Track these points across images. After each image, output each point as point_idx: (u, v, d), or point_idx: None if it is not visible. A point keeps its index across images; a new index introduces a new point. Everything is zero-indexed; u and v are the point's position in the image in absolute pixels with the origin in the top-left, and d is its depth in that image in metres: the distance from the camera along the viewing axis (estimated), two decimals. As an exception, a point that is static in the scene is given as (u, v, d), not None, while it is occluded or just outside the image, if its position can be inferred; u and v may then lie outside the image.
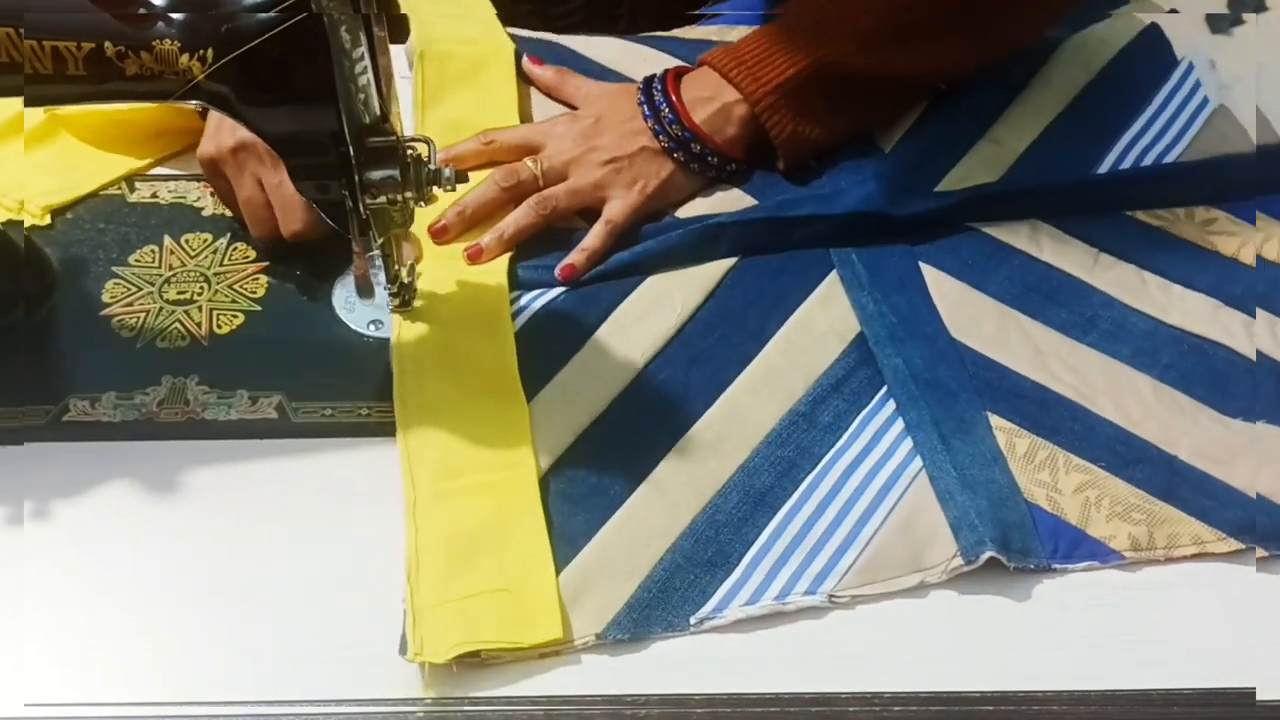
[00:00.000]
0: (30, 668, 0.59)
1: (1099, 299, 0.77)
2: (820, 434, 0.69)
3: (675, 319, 0.74)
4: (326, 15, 0.56)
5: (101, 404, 0.69)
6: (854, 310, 0.75)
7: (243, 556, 0.64)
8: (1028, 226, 0.80)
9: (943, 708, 0.59)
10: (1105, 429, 0.70)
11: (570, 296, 0.75)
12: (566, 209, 0.78)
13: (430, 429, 0.67)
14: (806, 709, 0.59)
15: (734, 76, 0.79)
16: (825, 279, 0.77)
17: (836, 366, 0.72)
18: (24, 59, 0.57)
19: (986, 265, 0.78)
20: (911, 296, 0.75)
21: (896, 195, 0.79)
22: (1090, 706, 0.60)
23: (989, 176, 0.82)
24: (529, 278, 0.75)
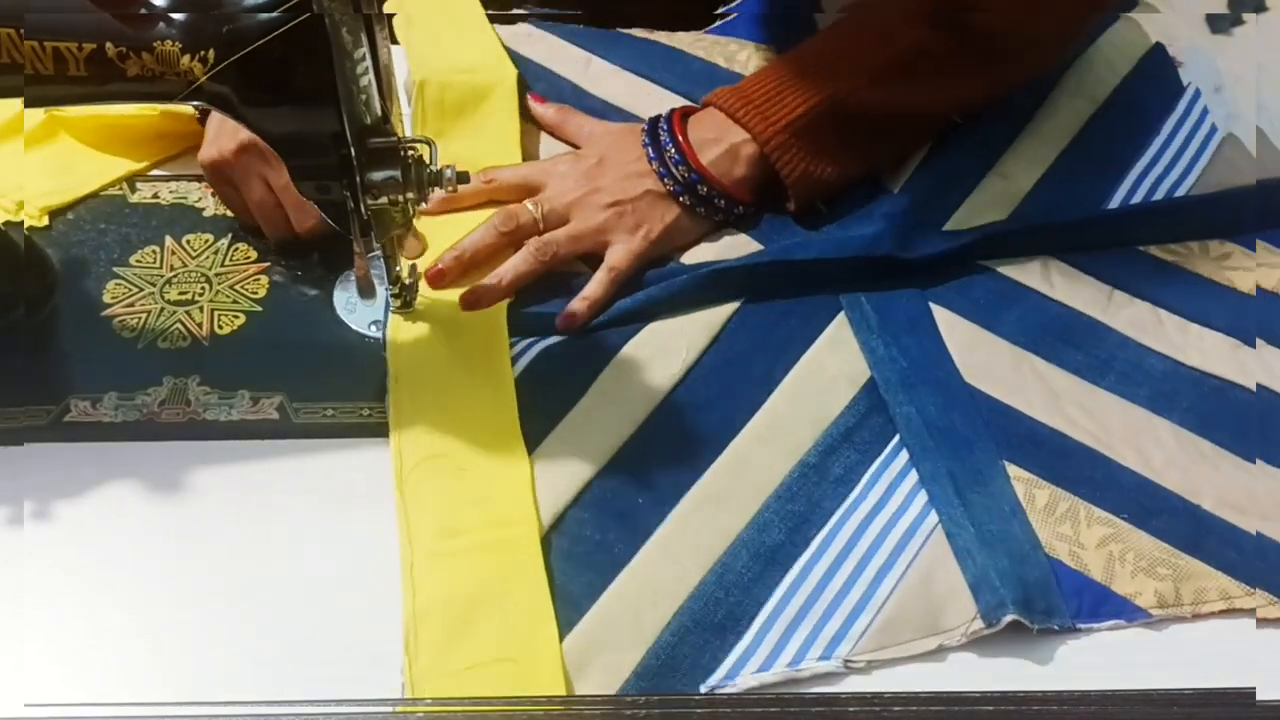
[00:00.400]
0: (30, 668, 0.59)
1: (1114, 339, 0.75)
2: (832, 487, 0.67)
3: (680, 365, 0.72)
4: (328, 16, 0.56)
5: (103, 404, 0.69)
6: (863, 354, 0.73)
7: (243, 557, 0.64)
8: (1039, 264, 0.78)
9: (943, 708, 0.59)
10: (1126, 478, 0.68)
11: (572, 340, 0.73)
12: (568, 255, 0.75)
13: (428, 482, 0.65)
14: (807, 709, 0.59)
15: (742, 117, 0.77)
16: (833, 321, 0.74)
17: (847, 414, 0.70)
18: (25, 60, 0.57)
19: (999, 305, 0.76)
20: (922, 339, 0.73)
21: (905, 236, 0.77)
22: (1090, 706, 0.59)
23: (998, 213, 0.80)
24: (529, 323, 0.73)
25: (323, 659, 0.60)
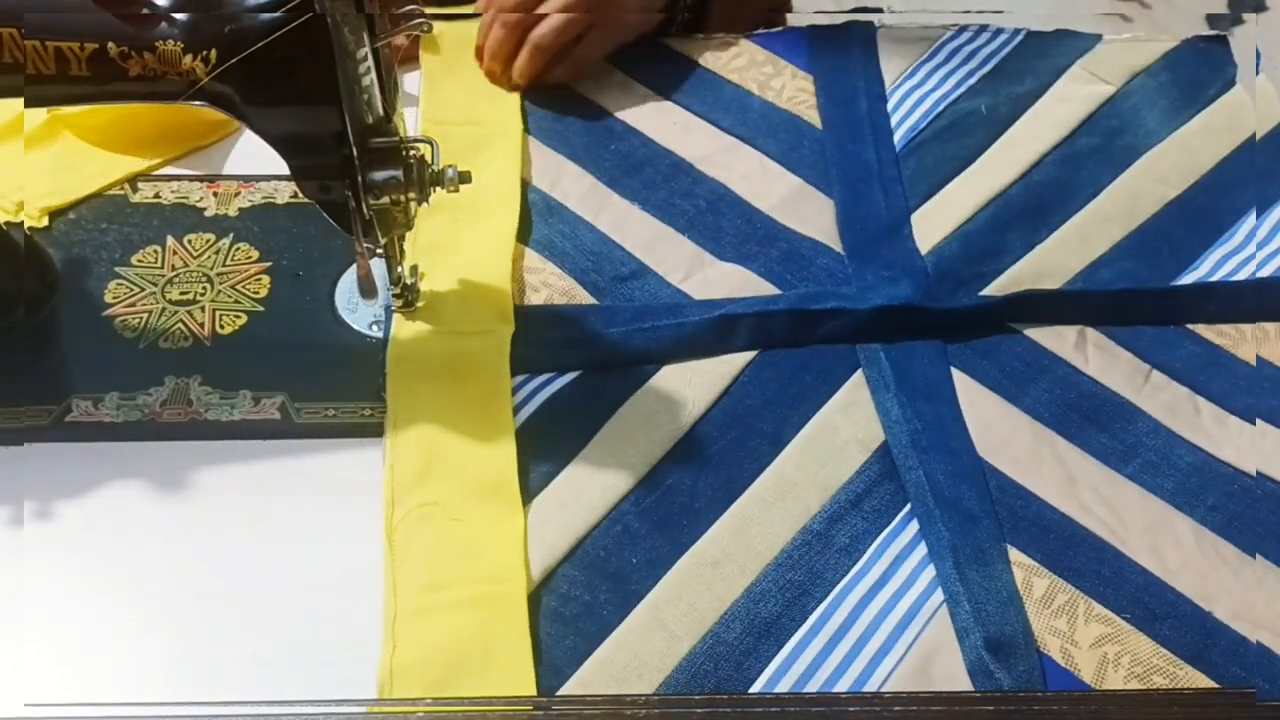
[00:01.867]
0: (30, 668, 0.59)
1: (1145, 425, 0.70)
2: (835, 556, 0.64)
3: (687, 417, 0.69)
4: (330, 16, 0.56)
5: (104, 404, 0.69)
6: (878, 415, 0.69)
7: (245, 557, 0.64)
8: (1075, 333, 0.73)
9: (943, 708, 0.59)
10: (1135, 575, 0.63)
11: (577, 386, 0.70)
12: (558, 41, 0.83)
13: (419, 530, 0.64)
14: (807, 709, 0.59)
15: None
16: (849, 379, 0.71)
17: (857, 480, 0.67)
18: (26, 59, 0.58)
19: (1025, 374, 0.71)
20: (939, 406, 0.70)
21: (933, 292, 0.74)
22: (1090, 706, 0.59)
23: (1041, 283, 0.75)
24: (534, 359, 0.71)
25: (324, 659, 0.60)
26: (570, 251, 0.77)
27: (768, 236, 0.78)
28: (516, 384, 0.70)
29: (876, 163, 0.81)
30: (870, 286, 0.74)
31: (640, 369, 0.71)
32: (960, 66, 0.84)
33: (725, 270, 0.76)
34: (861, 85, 0.86)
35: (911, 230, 0.78)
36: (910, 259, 0.76)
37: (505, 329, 0.72)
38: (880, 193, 0.80)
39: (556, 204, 0.79)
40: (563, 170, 0.82)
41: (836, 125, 0.83)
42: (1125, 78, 0.84)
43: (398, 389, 0.69)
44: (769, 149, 0.82)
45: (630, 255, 0.76)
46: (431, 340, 0.71)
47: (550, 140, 0.83)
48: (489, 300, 0.73)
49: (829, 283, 0.75)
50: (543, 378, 0.70)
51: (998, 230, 0.78)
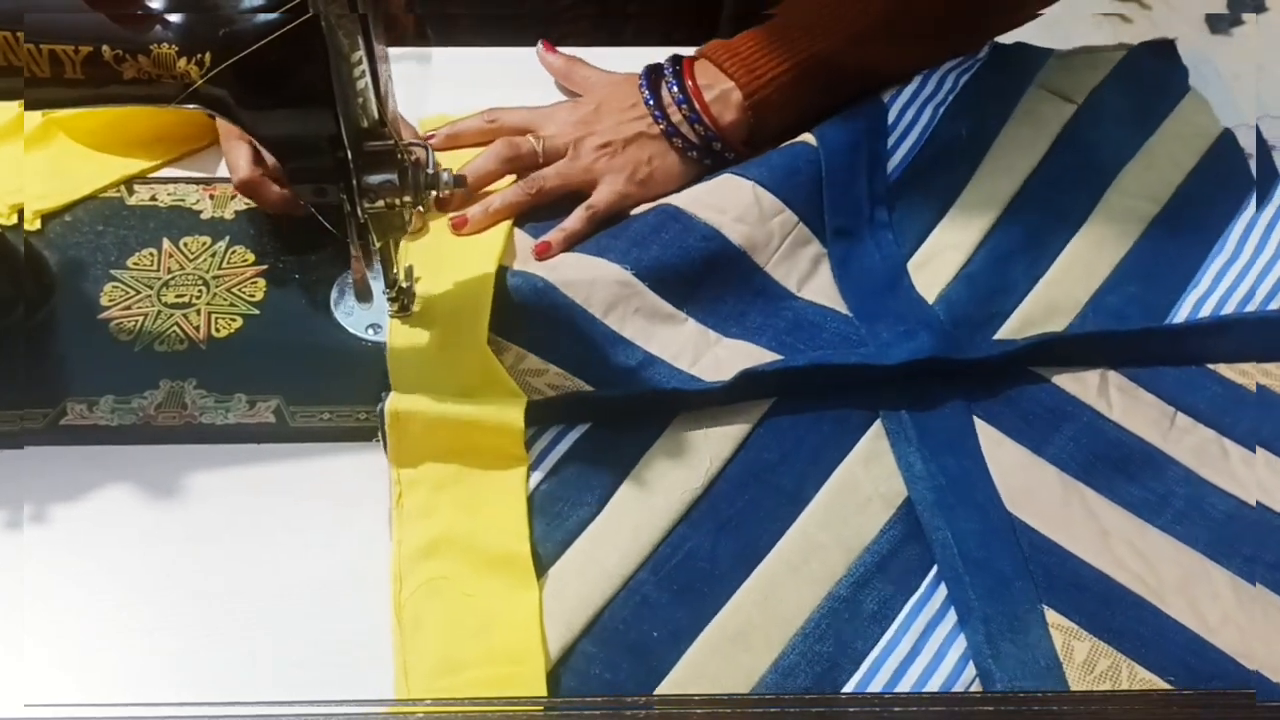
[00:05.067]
0: (30, 668, 0.60)
1: (1174, 473, 0.68)
2: (864, 625, 0.62)
3: (704, 475, 0.66)
4: (324, 19, 0.56)
5: (99, 407, 0.69)
6: (900, 470, 0.67)
7: (240, 559, 0.64)
8: (1097, 377, 0.71)
9: (943, 708, 0.59)
10: (1176, 634, 0.61)
11: (588, 443, 0.67)
12: (554, 190, 0.77)
13: (429, 607, 0.61)
14: (807, 709, 0.59)
15: (729, 68, 0.78)
16: (868, 431, 0.69)
17: (881, 540, 0.65)
18: (22, 63, 0.58)
19: (1049, 423, 0.69)
20: (963, 459, 0.67)
21: (950, 342, 0.71)
22: (1090, 706, 0.59)
23: (1052, 324, 0.74)
24: (546, 412, 0.68)
25: (319, 660, 0.61)
26: (570, 345, 0.71)
27: (770, 302, 0.75)
28: (528, 437, 0.67)
29: (868, 200, 0.78)
30: (888, 344, 0.71)
31: (652, 422, 0.69)
32: (938, 90, 0.81)
33: (734, 348, 0.73)
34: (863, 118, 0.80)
35: (910, 280, 0.76)
36: (921, 310, 0.74)
37: (516, 401, 0.68)
38: (872, 243, 0.77)
39: (544, 286, 0.72)
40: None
41: (833, 148, 0.78)
42: (1084, 93, 0.83)
43: (401, 447, 0.66)
44: (762, 177, 0.77)
45: (633, 344, 0.72)
46: (438, 407, 0.66)
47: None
48: (500, 380, 0.69)
49: (843, 346, 0.73)
50: (552, 433, 0.68)
51: (998, 268, 0.76)
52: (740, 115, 0.78)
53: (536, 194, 0.77)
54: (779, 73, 0.78)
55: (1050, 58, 0.84)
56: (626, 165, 0.78)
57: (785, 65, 0.78)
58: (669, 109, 0.78)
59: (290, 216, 0.77)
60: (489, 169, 0.78)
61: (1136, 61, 0.85)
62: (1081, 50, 0.86)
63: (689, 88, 0.78)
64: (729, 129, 0.78)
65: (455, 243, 0.76)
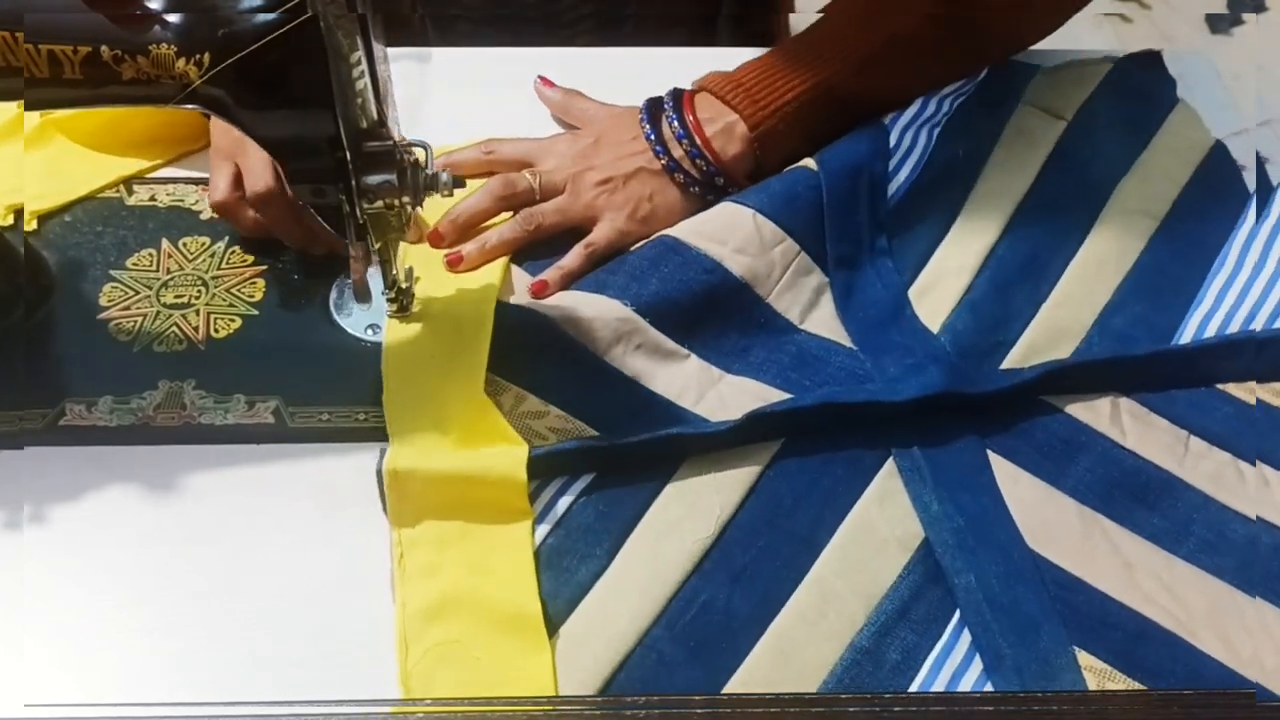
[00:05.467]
0: (30, 668, 0.60)
1: (1192, 499, 0.67)
2: (888, 676, 0.60)
3: (714, 523, 0.65)
4: (323, 19, 0.55)
5: (98, 408, 0.69)
6: (916, 510, 0.66)
7: (239, 559, 0.64)
8: (1108, 403, 0.70)
9: (943, 708, 0.59)
10: (1210, 669, 0.60)
11: (594, 495, 0.66)
12: (552, 227, 0.76)
13: (438, 674, 0.60)
14: (807, 709, 0.59)
15: (733, 100, 0.77)
16: (881, 470, 0.67)
17: (901, 585, 0.63)
18: (21, 63, 0.58)
19: (1064, 454, 0.68)
20: (980, 495, 0.66)
21: (958, 375, 0.70)
22: (1090, 706, 0.59)
23: (1060, 351, 0.73)
24: (552, 465, 0.66)
25: (318, 660, 0.61)
26: (571, 387, 0.70)
27: (773, 336, 0.73)
28: (531, 490, 0.65)
29: (869, 226, 0.76)
30: (897, 378, 0.70)
31: (658, 468, 0.67)
32: (936, 111, 0.80)
33: (738, 385, 0.71)
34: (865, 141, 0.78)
35: (912, 309, 0.74)
36: (926, 341, 0.72)
37: (517, 452, 0.65)
38: (872, 271, 0.76)
39: (543, 322, 0.70)
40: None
41: (834, 172, 0.76)
42: (1073, 109, 0.82)
43: (401, 507, 0.64)
44: (762, 204, 0.75)
45: (635, 382, 0.71)
46: (437, 463, 0.65)
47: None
48: (499, 431, 0.67)
49: (850, 382, 0.71)
50: (556, 484, 0.66)
51: (1001, 294, 0.75)
52: (745, 148, 0.77)
53: (534, 231, 0.75)
54: (783, 103, 0.77)
55: (1037, 73, 0.83)
56: (627, 202, 0.76)
57: (790, 95, 0.77)
58: (670, 144, 0.77)
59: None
60: (484, 207, 0.76)
61: (1124, 74, 0.84)
62: (1068, 64, 0.85)
63: (690, 122, 0.77)
64: (732, 163, 0.77)
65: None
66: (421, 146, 0.65)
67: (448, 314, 0.71)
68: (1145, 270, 0.76)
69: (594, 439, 0.67)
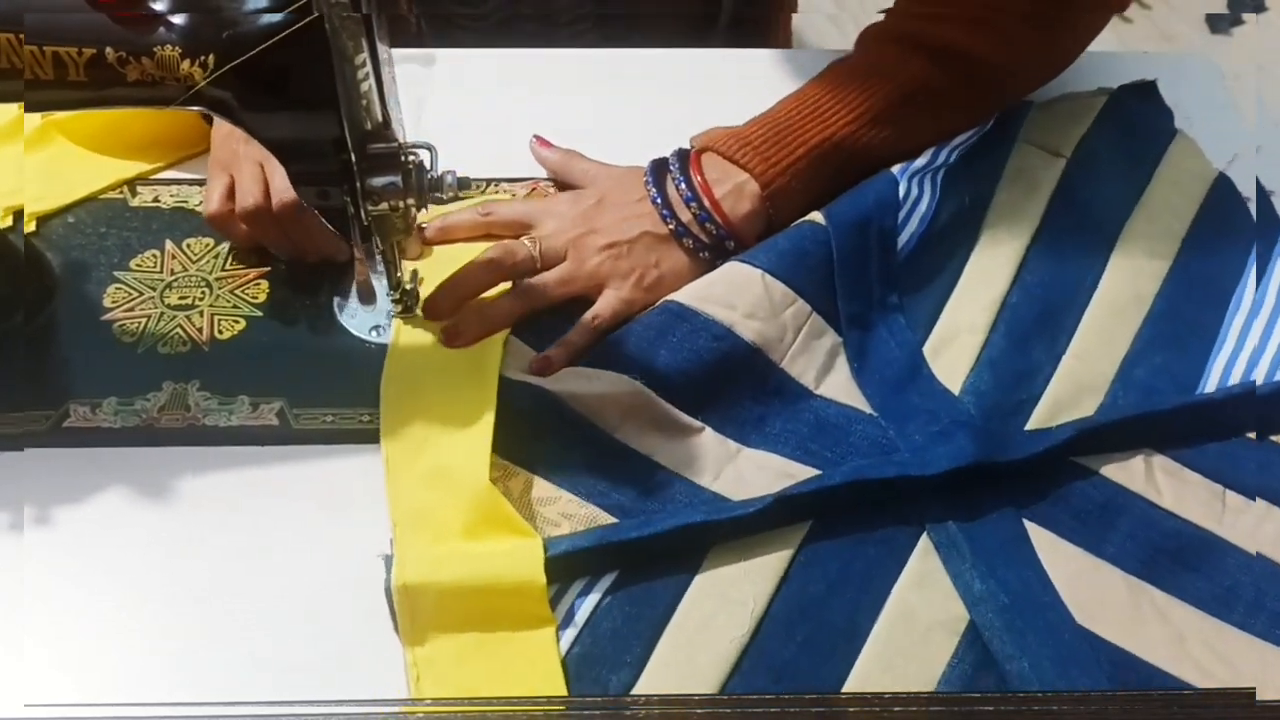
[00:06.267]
0: (30, 669, 0.60)
1: (1235, 560, 0.65)
2: None
3: (748, 619, 0.61)
4: (329, 21, 0.56)
5: (102, 409, 0.69)
6: (957, 590, 0.63)
7: (242, 561, 0.64)
8: (1141, 461, 0.68)
9: (943, 708, 0.59)
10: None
11: (620, 595, 0.62)
12: (556, 299, 0.72)
13: None
14: (807, 709, 0.59)
15: (741, 159, 0.74)
16: (916, 548, 0.65)
17: (952, 675, 0.60)
18: (25, 65, 0.58)
19: (1102, 519, 0.66)
20: (1022, 569, 0.63)
21: (986, 442, 0.67)
22: (1090, 706, 0.59)
23: (1084, 406, 0.71)
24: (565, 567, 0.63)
25: (320, 661, 0.61)
26: (581, 469, 0.67)
27: (789, 403, 0.71)
28: (551, 596, 0.62)
29: (879, 282, 0.74)
30: (923, 447, 0.67)
31: (683, 560, 0.64)
32: (947, 159, 0.77)
33: (757, 460, 0.68)
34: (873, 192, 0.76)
35: (929, 368, 0.72)
36: (949, 404, 0.70)
37: (533, 547, 0.62)
38: (885, 329, 0.73)
39: (549, 400, 0.67)
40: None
41: (843, 227, 0.73)
42: (1072, 145, 0.80)
43: (414, 625, 0.61)
44: (771, 264, 0.72)
45: (649, 460, 0.68)
46: (449, 573, 0.61)
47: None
48: (508, 522, 0.64)
49: (873, 452, 0.68)
50: (577, 586, 0.63)
51: (1018, 348, 0.72)
52: (757, 208, 0.74)
53: (537, 303, 0.72)
54: (795, 159, 0.74)
55: (1032, 109, 0.82)
56: (633, 269, 0.73)
57: (801, 151, 0.74)
58: (677, 207, 0.74)
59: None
60: (483, 278, 0.72)
61: (1120, 106, 0.83)
62: (1062, 98, 0.83)
63: (697, 183, 0.74)
64: (743, 224, 0.74)
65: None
66: (426, 148, 0.65)
67: (447, 392, 0.68)
68: (1161, 316, 0.75)
69: (611, 528, 0.64)
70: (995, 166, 0.79)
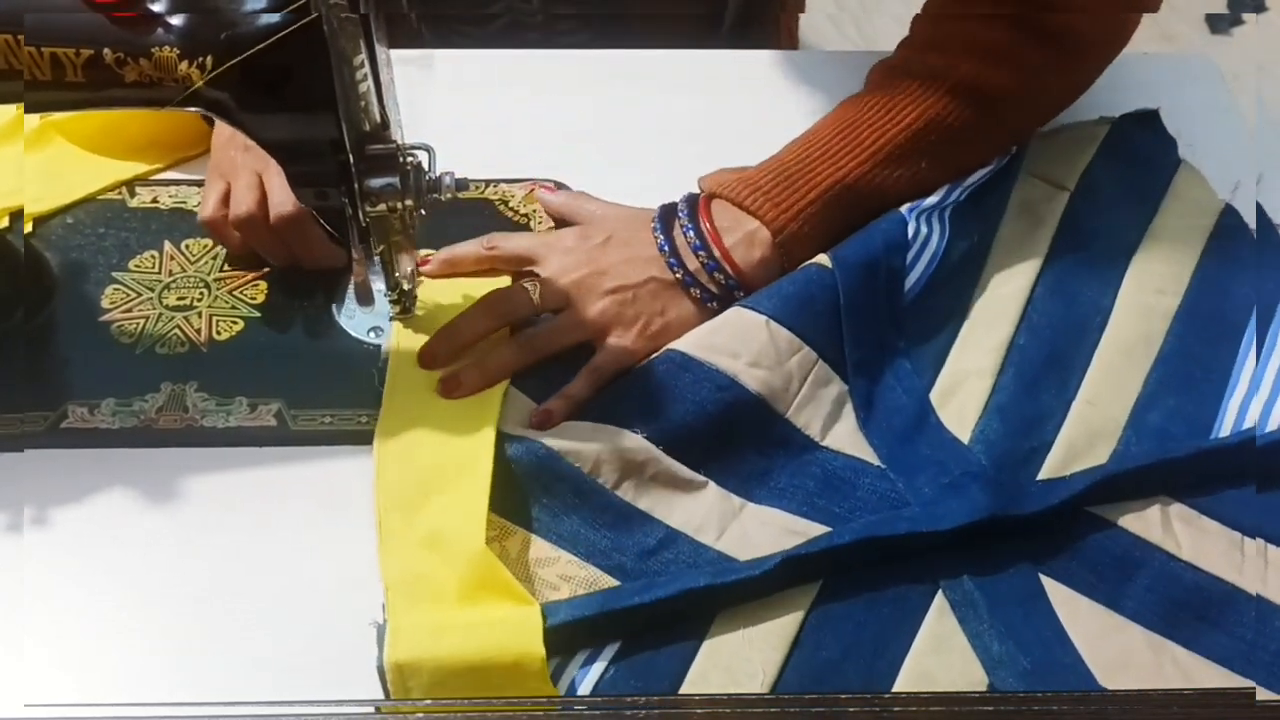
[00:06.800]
0: (30, 669, 0.60)
1: (1259, 611, 0.63)
2: None
3: (759, 688, 0.60)
4: (327, 22, 0.56)
5: (100, 410, 0.69)
6: (975, 652, 0.61)
7: (240, 562, 0.64)
8: (1158, 510, 0.66)
9: (943, 708, 0.59)
10: None
11: (624, 666, 0.60)
12: (560, 348, 0.71)
13: None
14: (807, 709, 0.59)
15: (752, 205, 0.72)
16: (930, 609, 0.63)
17: None
18: (23, 66, 0.58)
19: (1120, 573, 0.64)
20: (1041, 628, 0.62)
21: (999, 494, 0.65)
22: (1090, 706, 0.59)
23: (1097, 454, 0.69)
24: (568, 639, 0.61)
25: (319, 661, 0.61)
26: (581, 527, 0.65)
27: (794, 456, 0.69)
28: (552, 669, 0.60)
29: (887, 326, 0.72)
30: (935, 500, 0.66)
31: (689, 627, 0.62)
32: (958, 196, 0.76)
33: (761, 517, 0.66)
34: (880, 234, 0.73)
35: (937, 416, 0.70)
36: (959, 454, 0.68)
37: (530, 617, 0.60)
38: (891, 376, 0.71)
39: (546, 455, 0.65)
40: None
41: (850, 269, 0.71)
42: (1076, 177, 0.79)
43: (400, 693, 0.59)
44: (775, 310, 0.70)
45: (651, 518, 0.66)
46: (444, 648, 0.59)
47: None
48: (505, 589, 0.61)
49: (883, 506, 0.67)
50: (579, 659, 0.61)
51: (1028, 393, 0.70)
52: (769, 254, 0.72)
53: (539, 354, 0.70)
54: (806, 204, 0.72)
55: (1033, 140, 0.80)
56: (638, 317, 0.71)
57: (813, 195, 0.72)
58: (684, 255, 0.72)
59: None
60: (480, 326, 0.71)
61: (1123, 136, 0.81)
62: (1064, 128, 0.82)
63: (706, 231, 0.71)
64: (754, 273, 0.72)
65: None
66: (424, 149, 0.65)
67: (443, 448, 0.66)
68: (1172, 357, 0.72)
69: (613, 592, 0.62)
70: (999, 201, 0.78)
